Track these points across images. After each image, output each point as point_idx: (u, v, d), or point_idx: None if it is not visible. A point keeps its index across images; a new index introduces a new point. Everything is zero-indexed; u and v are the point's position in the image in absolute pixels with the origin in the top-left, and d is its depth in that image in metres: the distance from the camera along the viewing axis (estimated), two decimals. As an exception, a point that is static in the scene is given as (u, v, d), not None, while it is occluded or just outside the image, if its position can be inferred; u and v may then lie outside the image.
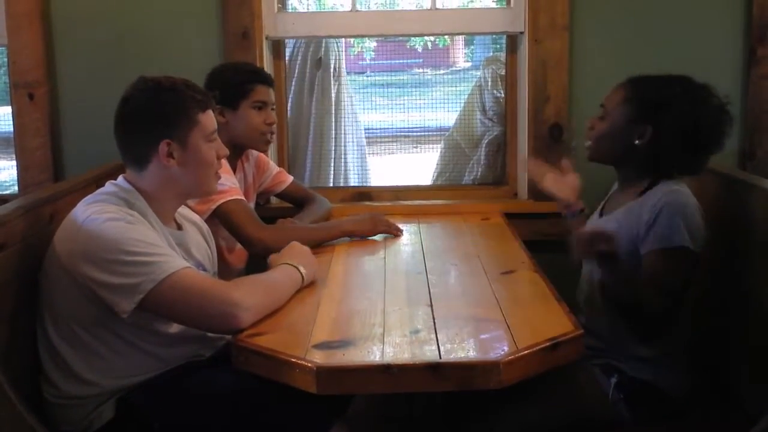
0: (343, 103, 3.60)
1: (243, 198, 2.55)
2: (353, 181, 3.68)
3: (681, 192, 2.07)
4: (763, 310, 2.05)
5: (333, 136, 3.55)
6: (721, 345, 2.32)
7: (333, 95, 3.52)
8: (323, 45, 3.46)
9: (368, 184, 3.70)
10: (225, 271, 2.45)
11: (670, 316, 2.04)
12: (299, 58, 3.64)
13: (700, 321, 2.43)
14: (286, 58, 3.35)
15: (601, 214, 2.29)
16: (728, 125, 2.12)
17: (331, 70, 3.49)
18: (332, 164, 3.56)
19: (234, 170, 2.69)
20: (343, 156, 3.63)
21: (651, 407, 2.07)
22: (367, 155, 3.86)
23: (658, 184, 2.11)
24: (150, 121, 1.97)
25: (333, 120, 3.53)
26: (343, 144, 3.62)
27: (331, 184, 3.57)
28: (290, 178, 2.99)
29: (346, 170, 3.65)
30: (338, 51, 3.51)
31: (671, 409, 2.08)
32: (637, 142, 2.12)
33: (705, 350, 2.38)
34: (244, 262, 2.80)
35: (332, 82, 3.51)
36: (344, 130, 3.63)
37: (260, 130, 2.65)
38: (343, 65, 3.61)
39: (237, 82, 2.63)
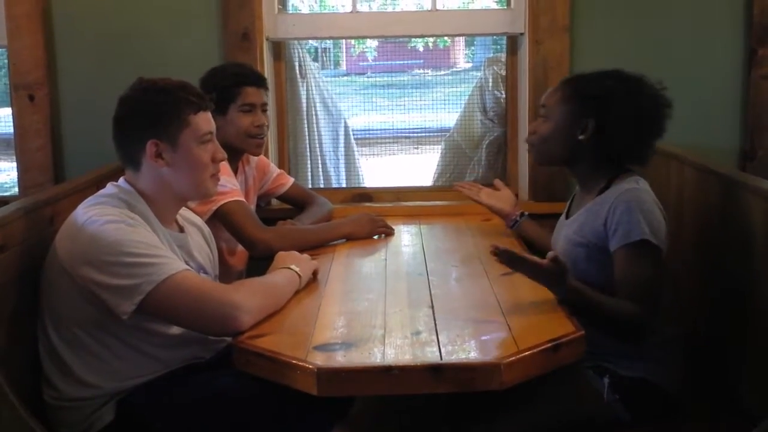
0: (314, 103, 3.55)
1: (244, 199, 2.56)
2: (335, 183, 3.65)
3: (638, 189, 2.11)
4: (763, 310, 2.04)
5: (306, 136, 3.51)
6: (720, 346, 2.31)
7: (303, 95, 3.48)
8: (285, 45, 3.42)
9: (364, 185, 3.68)
10: (226, 273, 2.45)
11: (658, 311, 2.04)
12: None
13: (700, 322, 2.43)
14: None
15: (567, 217, 2.30)
16: (666, 108, 2.18)
17: (297, 69, 3.45)
18: (309, 165, 3.52)
19: (234, 173, 2.69)
20: (320, 157, 3.59)
21: (647, 404, 2.07)
22: (356, 156, 3.82)
23: (616, 182, 2.15)
24: (139, 121, 1.98)
25: (305, 120, 3.49)
26: (319, 144, 3.58)
27: (312, 185, 3.52)
28: (291, 180, 3.00)
29: (326, 171, 3.62)
30: (301, 50, 3.48)
31: (668, 404, 2.09)
32: (581, 137, 2.17)
33: (705, 351, 2.38)
34: (244, 263, 2.80)
35: (300, 82, 3.47)
36: (319, 130, 3.58)
37: (249, 133, 2.64)
38: (310, 64, 3.55)
39: (224, 85, 2.61)
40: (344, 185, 3.66)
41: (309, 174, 3.53)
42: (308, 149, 3.53)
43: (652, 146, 2.20)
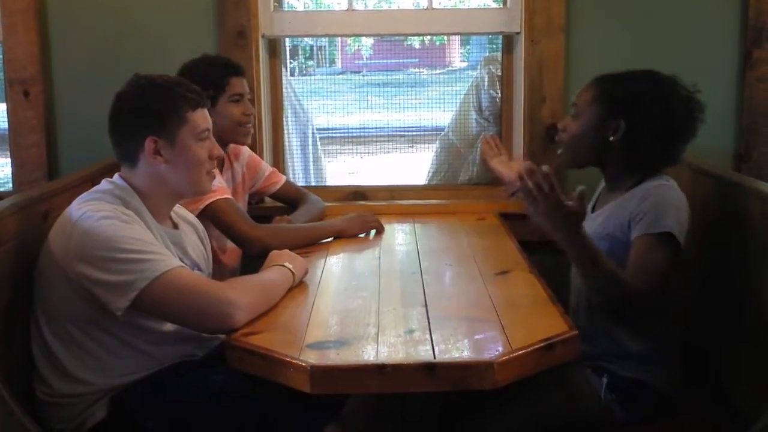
0: (282, 104, 3.53)
1: (231, 197, 2.55)
2: (301, 181, 3.61)
3: (669, 186, 2.12)
4: (759, 312, 2.05)
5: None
6: (716, 347, 2.32)
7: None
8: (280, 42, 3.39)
9: (360, 184, 3.66)
10: (218, 270, 2.44)
11: (653, 302, 2.01)
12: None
13: (696, 323, 2.43)
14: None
15: (592, 211, 2.30)
16: (699, 112, 2.17)
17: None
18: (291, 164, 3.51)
19: (220, 169, 2.69)
20: (289, 155, 3.57)
21: (643, 405, 2.08)
22: (321, 155, 3.81)
23: (646, 180, 2.15)
24: (138, 118, 1.98)
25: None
26: (286, 143, 3.56)
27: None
28: (283, 179, 2.99)
29: (294, 169, 3.60)
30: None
31: (664, 405, 2.10)
32: (611, 138, 2.16)
33: (701, 352, 2.38)
34: (237, 261, 2.80)
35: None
36: (288, 129, 3.56)
37: (240, 122, 2.64)
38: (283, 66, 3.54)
39: (212, 77, 2.60)
40: (310, 184, 3.63)
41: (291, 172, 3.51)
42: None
43: (683, 149, 2.19)
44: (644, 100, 2.12)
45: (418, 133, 4.67)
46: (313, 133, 3.78)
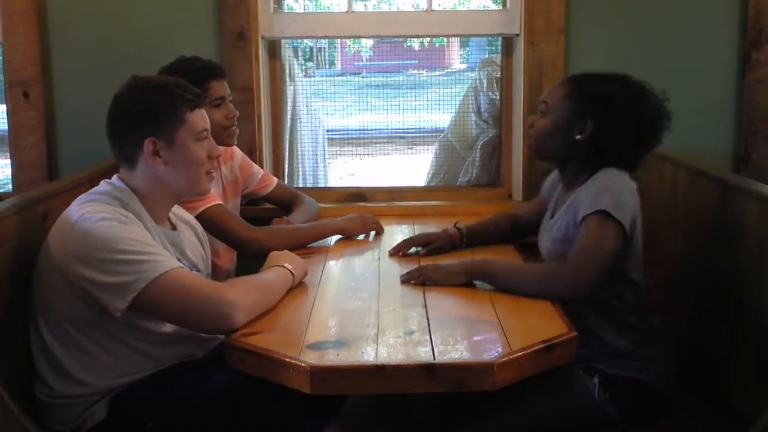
0: (298, 106, 3.53)
1: (222, 202, 2.54)
2: (305, 183, 3.60)
3: (611, 172, 2.11)
4: (758, 312, 2.05)
5: (287, 137, 3.48)
6: (715, 348, 2.32)
7: (289, 98, 3.46)
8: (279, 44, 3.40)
9: (360, 185, 3.68)
10: (213, 273, 2.43)
11: (596, 282, 1.99)
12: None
13: (695, 324, 2.44)
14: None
15: (552, 216, 2.30)
16: (667, 120, 2.16)
17: (287, 72, 3.43)
18: (286, 164, 3.50)
19: None
20: (300, 157, 3.57)
21: (637, 403, 2.07)
22: (326, 157, 3.81)
23: (596, 173, 2.14)
24: (136, 119, 1.98)
25: (289, 121, 3.47)
26: (299, 145, 3.56)
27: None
28: (275, 181, 2.98)
29: (304, 171, 3.60)
30: (290, 54, 3.46)
31: (658, 402, 2.09)
32: (578, 137, 2.15)
33: (699, 353, 2.38)
34: (231, 262, 2.80)
35: (287, 83, 3.44)
36: (301, 131, 3.56)
37: (224, 126, 2.60)
38: (295, 68, 3.54)
39: (191, 82, 2.55)
40: (318, 185, 3.64)
41: (285, 174, 3.51)
42: (287, 150, 3.51)
43: (646, 156, 2.19)
44: (617, 101, 2.12)
45: (418, 134, 4.68)
46: (323, 134, 3.78)
